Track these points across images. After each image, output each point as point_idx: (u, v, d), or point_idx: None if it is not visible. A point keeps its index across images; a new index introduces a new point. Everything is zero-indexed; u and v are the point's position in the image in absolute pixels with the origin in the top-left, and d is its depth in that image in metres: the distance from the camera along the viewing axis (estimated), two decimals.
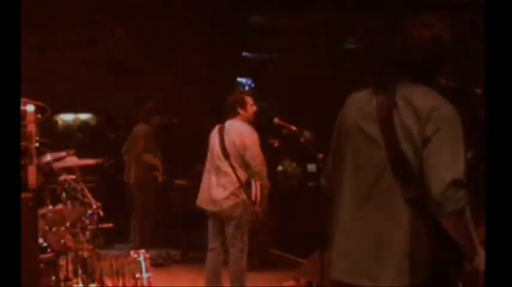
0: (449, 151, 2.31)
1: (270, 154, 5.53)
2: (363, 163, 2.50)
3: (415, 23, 2.55)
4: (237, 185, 5.30)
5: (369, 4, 9.99)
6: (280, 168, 10.17)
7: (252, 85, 11.31)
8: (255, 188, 5.33)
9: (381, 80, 2.55)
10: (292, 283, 6.40)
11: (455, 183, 2.26)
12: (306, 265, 6.41)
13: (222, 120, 5.61)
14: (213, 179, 5.41)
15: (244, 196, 5.31)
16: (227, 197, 5.32)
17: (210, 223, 5.53)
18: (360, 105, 2.57)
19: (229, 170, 5.32)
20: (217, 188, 5.37)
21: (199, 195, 5.55)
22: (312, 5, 10.42)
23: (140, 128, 7.43)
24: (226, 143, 5.37)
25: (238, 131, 5.38)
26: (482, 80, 2.35)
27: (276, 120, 5.74)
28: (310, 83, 11.96)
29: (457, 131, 2.35)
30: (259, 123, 5.66)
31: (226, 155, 5.34)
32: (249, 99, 5.55)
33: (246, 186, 5.32)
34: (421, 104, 2.38)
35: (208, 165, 5.53)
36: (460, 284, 2.40)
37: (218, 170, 5.39)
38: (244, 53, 11.34)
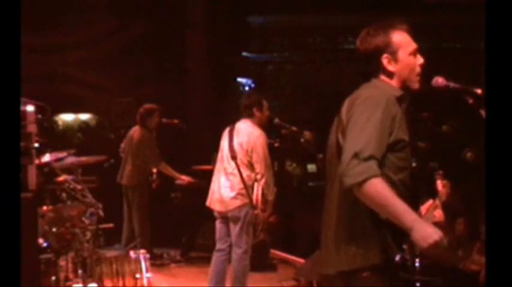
0: (356, 130, 2.39)
1: (270, 154, 5.51)
2: (329, 165, 2.67)
3: (364, 33, 2.66)
4: (243, 186, 5.29)
5: (369, 4, 9.99)
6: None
7: (252, 85, 11.31)
8: (256, 191, 5.31)
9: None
10: (292, 283, 6.40)
11: (356, 156, 2.32)
12: (306, 265, 6.40)
13: (228, 120, 5.61)
14: (222, 179, 5.40)
15: (249, 198, 5.31)
16: (234, 198, 5.30)
17: (218, 224, 5.51)
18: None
19: (236, 171, 5.31)
20: (225, 188, 5.36)
21: (209, 195, 5.53)
22: (312, 5, 10.43)
23: (136, 132, 7.34)
24: (235, 144, 5.35)
25: (248, 132, 5.35)
26: (482, 80, 2.36)
27: (276, 120, 5.74)
28: (310, 83, 11.96)
29: (370, 112, 2.40)
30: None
31: (233, 156, 5.33)
32: (265, 103, 5.56)
33: (251, 188, 5.32)
34: (352, 97, 2.54)
35: (218, 165, 5.52)
36: (412, 258, 2.44)
37: (226, 171, 5.39)
38: (244, 53, 11.34)
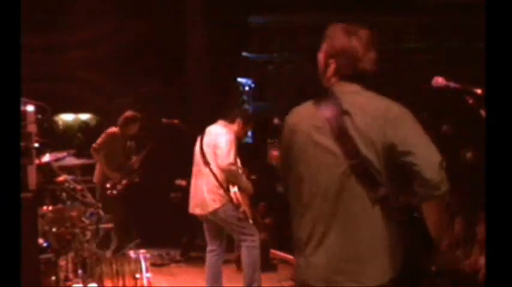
0: (422, 138, 2.39)
1: (270, 154, 5.51)
2: (322, 176, 2.50)
3: (338, 31, 2.60)
4: (219, 187, 5.25)
5: (368, 4, 10.00)
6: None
7: (252, 85, 11.32)
8: (234, 192, 5.29)
9: (322, 92, 2.60)
10: (292, 283, 6.40)
11: (441, 165, 2.35)
12: None
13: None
14: (198, 182, 5.38)
15: (228, 197, 5.27)
16: (213, 200, 5.28)
17: (205, 226, 5.50)
18: (309, 119, 2.56)
19: (209, 173, 5.28)
20: (202, 191, 5.33)
21: (190, 201, 5.49)
22: (312, 5, 10.43)
23: (113, 133, 7.11)
24: (204, 146, 5.37)
25: (216, 132, 5.38)
26: (482, 80, 2.36)
27: (276, 120, 5.74)
28: (310, 83, 11.97)
29: (417, 122, 2.44)
30: (258, 123, 5.65)
31: (205, 159, 5.32)
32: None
33: (227, 188, 5.27)
34: (373, 108, 2.44)
35: (194, 169, 5.50)
36: (433, 268, 2.51)
37: (201, 174, 5.37)
38: (244, 53, 11.34)
